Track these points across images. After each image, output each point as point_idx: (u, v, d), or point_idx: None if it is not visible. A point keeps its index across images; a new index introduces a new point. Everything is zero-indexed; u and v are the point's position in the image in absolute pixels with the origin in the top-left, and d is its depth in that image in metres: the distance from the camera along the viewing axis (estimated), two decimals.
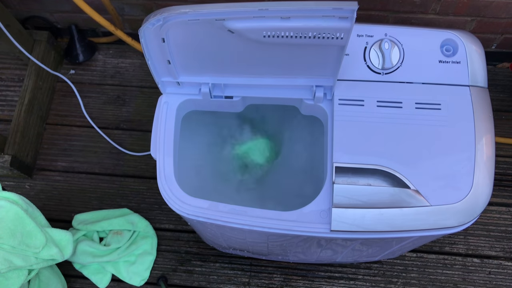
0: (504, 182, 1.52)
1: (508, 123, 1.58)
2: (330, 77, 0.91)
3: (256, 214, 0.90)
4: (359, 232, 0.87)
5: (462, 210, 0.87)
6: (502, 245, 1.45)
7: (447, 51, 0.95)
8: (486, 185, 0.88)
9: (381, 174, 0.88)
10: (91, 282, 1.44)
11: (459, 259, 1.45)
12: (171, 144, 0.95)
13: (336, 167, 0.89)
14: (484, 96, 0.93)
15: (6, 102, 1.65)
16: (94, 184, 1.56)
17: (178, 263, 1.47)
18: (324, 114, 0.96)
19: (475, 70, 0.94)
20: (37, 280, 1.28)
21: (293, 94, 0.96)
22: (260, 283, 1.44)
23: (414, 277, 1.43)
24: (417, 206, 0.87)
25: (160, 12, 0.74)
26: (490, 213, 1.49)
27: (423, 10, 1.33)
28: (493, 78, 1.60)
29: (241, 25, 0.74)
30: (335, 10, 0.69)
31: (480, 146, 0.89)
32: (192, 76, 0.94)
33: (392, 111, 0.92)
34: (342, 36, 0.74)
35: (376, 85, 0.94)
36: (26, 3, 1.56)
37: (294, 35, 0.74)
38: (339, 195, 0.87)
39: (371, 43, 0.94)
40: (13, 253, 1.13)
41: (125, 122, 1.63)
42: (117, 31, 1.45)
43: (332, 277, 1.44)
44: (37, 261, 1.18)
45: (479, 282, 1.42)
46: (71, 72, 1.70)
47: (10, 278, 1.14)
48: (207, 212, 0.91)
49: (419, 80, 0.94)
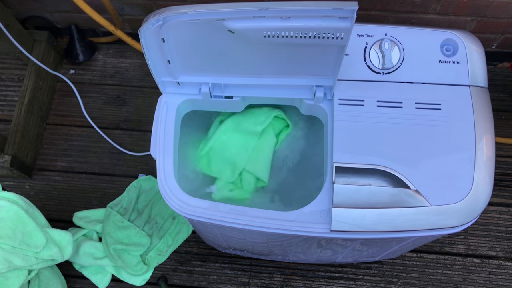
0: (504, 182, 1.52)
1: (508, 123, 1.58)
2: (330, 77, 0.91)
3: (256, 214, 0.90)
4: (359, 232, 0.87)
5: (462, 210, 0.87)
6: (502, 245, 1.45)
7: (447, 51, 0.95)
8: (486, 185, 0.88)
9: (381, 174, 0.88)
10: (91, 282, 1.44)
11: (459, 259, 1.45)
12: (171, 144, 0.95)
13: (336, 167, 0.89)
14: (484, 96, 0.93)
15: (6, 102, 1.65)
16: (94, 184, 1.56)
17: (178, 263, 1.47)
18: (324, 114, 0.96)
19: (475, 70, 0.94)
20: (37, 280, 1.28)
21: (293, 94, 0.96)
22: (260, 283, 1.44)
23: (414, 277, 1.43)
24: (417, 206, 0.86)
25: (160, 12, 0.74)
26: (490, 213, 1.49)
27: (423, 10, 1.33)
28: (493, 78, 1.60)
29: (241, 25, 0.74)
30: (335, 10, 0.69)
31: (480, 146, 0.89)
32: (192, 76, 0.94)
33: (392, 111, 0.92)
34: (342, 36, 0.74)
35: (376, 85, 0.94)
36: (26, 3, 1.56)
37: (294, 35, 0.74)
38: (339, 195, 0.87)
39: (371, 43, 0.94)
40: (13, 253, 1.13)
41: (125, 122, 1.63)
42: (117, 31, 1.45)
43: (332, 277, 1.44)
44: (37, 261, 1.18)
45: (479, 282, 1.42)
46: (71, 72, 1.70)
47: (10, 278, 1.14)
48: (207, 212, 0.91)
49: (419, 80, 0.94)
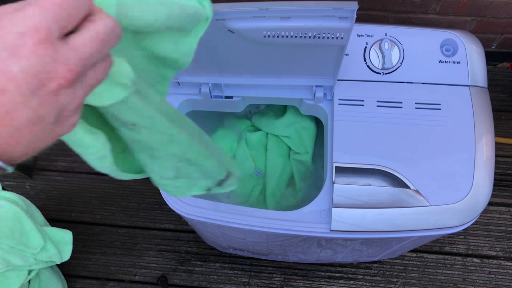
0: (504, 182, 1.52)
1: (508, 123, 1.58)
2: (330, 77, 0.91)
3: (256, 214, 0.90)
4: (359, 232, 0.87)
5: (462, 210, 0.87)
6: (502, 245, 1.45)
7: (447, 51, 0.95)
8: (486, 185, 0.88)
9: (381, 174, 0.88)
10: (91, 282, 1.44)
11: (459, 259, 1.45)
12: None
13: (336, 167, 0.89)
14: (484, 96, 0.93)
15: None
16: (94, 184, 1.56)
17: (178, 263, 1.47)
18: (324, 114, 0.96)
19: (475, 70, 0.94)
20: (37, 280, 1.28)
21: (293, 94, 0.96)
22: (260, 283, 1.44)
23: (414, 277, 1.43)
24: (417, 206, 0.87)
25: None
26: (490, 213, 1.49)
27: (423, 10, 1.33)
28: (493, 78, 1.60)
29: (241, 25, 0.74)
30: (335, 10, 0.69)
31: (480, 146, 0.89)
32: (192, 76, 0.94)
33: (392, 111, 0.92)
34: (342, 36, 0.74)
35: (376, 85, 0.94)
36: None
37: (294, 35, 0.74)
38: (339, 195, 0.87)
39: (371, 43, 0.94)
40: (11, 253, 1.13)
41: None
42: None
43: (332, 277, 1.44)
44: (36, 262, 1.18)
45: (479, 282, 1.42)
46: None
47: (10, 277, 1.14)
48: (207, 212, 0.91)
49: (419, 80, 0.94)
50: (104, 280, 1.49)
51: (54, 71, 0.31)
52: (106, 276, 1.50)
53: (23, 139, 0.33)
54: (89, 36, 0.33)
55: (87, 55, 0.33)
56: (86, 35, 0.33)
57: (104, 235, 1.54)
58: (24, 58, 0.30)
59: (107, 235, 1.54)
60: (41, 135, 0.33)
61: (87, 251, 1.52)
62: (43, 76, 0.31)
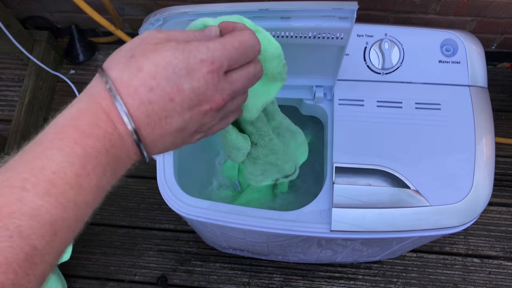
0: (504, 182, 1.52)
1: (508, 123, 1.58)
2: (330, 77, 0.91)
3: (256, 214, 0.90)
4: (359, 232, 0.87)
5: (462, 210, 0.87)
6: (502, 245, 1.45)
7: (447, 51, 0.95)
8: (486, 185, 0.88)
9: (381, 174, 0.88)
10: (91, 282, 1.44)
11: (459, 259, 1.45)
12: None
13: (336, 167, 0.89)
14: (484, 96, 0.93)
15: (6, 102, 1.65)
16: None
17: (178, 263, 1.47)
18: (324, 114, 0.96)
19: (475, 70, 0.94)
20: None
21: (293, 94, 0.96)
22: (260, 283, 1.44)
23: (414, 277, 1.43)
24: (417, 206, 0.86)
25: (160, 12, 0.74)
26: (490, 213, 1.49)
27: (423, 10, 1.33)
28: (493, 78, 1.60)
29: None
30: (335, 10, 0.69)
31: (480, 146, 0.89)
32: None
33: (392, 111, 0.92)
34: (342, 36, 0.74)
35: (376, 85, 0.94)
36: (26, 3, 1.56)
37: (294, 35, 0.74)
38: (339, 195, 0.87)
39: (371, 43, 0.94)
40: None
41: None
42: (117, 31, 1.45)
43: (332, 277, 1.44)
44: None
45: (479, 282, 1.42)
46: (71, 72, 1.70)
47: None
48: (207, 212, 0.91)
49: (419, 80, 0.94)
50: (104, 280, 1.49)
51: (211, 96, 0.38)
52: (106, 276, 1.50)
53: (167, 141, 0.39)
54: (243, 74, 0.41)
55: (238, 89, 0.40)
56: (242, 73, 0.41)
57: (104, 235, 1.54)
58: (196, 80, 0.37)
59: (107, 235, 1.54)
60: (178, 142, 0.40)
61: (87, 251, 1.52)
62: (202, 97, 0.38)
